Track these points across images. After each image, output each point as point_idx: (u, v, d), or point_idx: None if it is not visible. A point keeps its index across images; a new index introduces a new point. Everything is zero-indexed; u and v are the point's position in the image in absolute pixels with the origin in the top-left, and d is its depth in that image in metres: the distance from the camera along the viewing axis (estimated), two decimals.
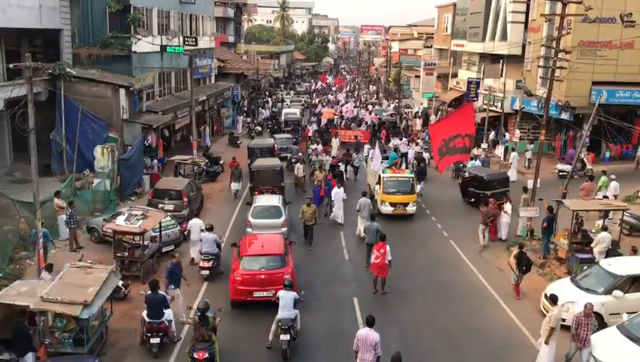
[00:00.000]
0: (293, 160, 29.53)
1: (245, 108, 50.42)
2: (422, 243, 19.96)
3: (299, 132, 39.00)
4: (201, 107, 36.62)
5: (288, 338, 12.34)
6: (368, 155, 28.89)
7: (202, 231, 17.02)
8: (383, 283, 15.49)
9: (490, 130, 35.73)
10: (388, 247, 15.38)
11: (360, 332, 10.80)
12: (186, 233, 19.51)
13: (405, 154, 29.44)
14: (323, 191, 22.42)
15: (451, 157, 21.93)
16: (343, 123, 43.23)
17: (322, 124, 41.37)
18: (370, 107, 53.12)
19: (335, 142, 33.33)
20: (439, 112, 48.74)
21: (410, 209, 22.00)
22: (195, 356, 11.42)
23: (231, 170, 25.61)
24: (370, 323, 10.91)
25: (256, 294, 14.34)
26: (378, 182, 22.75)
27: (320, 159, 28.59)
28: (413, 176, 22.90)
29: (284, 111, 45.14)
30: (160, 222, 17.75)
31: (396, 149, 29.86)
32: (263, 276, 14.34)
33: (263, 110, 50.45)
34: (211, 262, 16.49)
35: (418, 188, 23.95)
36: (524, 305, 15.20)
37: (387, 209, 21.90)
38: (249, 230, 18.42)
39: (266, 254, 14.86)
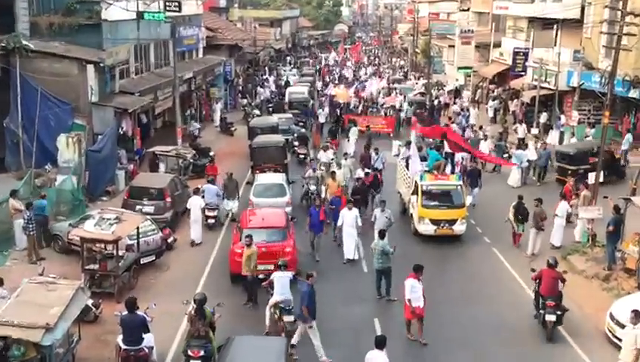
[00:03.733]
0: (295, 143, 31.51)
1: (240, 88, 50.64)
2: (463, 261, 19.79)
3: (307, 115, 39.39)
4: (187, 87, 36.66)
5: (292, 318, 13.90)
6: (399, 153, 27.56)
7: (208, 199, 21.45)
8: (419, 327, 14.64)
9: (542, 112, 35.55)
10: (409, 282, 14.42)
11: (368, 356, 11.20)
12: (172, 240, 20.04)
13: (451, 154, 26.30)
14: (323, 213, 19.68)
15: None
16: (361, 107, 43.05)
17: (335, 108, 41.24)
18: (395, 85, 53.02)
19: (353, 134, 32.83)
20: (478, 90, 48.64)
21: (459, 228, 20.65)
22: (189, 353, 12.24)
23: (223, 181, 23.48)
24: (379, 344, 11.25)
25: (257, 267, 16.28)
26: (414, 192, 21.31)
27: (328, 161, 26.62)
28: (461, 183, 21.64)
29: (289, 90, 45.51)
30: (138, 228, 17.82)
31: (438, 147, 27.42)
32: (263, 249, 16.60)
33: (262, 90, 50.64)
34: (215, 211, 21.66)
35: (469, 199, 22.67)
36: (585, 327, 15.18)
37: (427, 228, 20.63)
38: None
39: (267, 227, 17.54)
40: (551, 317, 14.64)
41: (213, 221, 21.79)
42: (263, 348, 11.81)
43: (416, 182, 21.32)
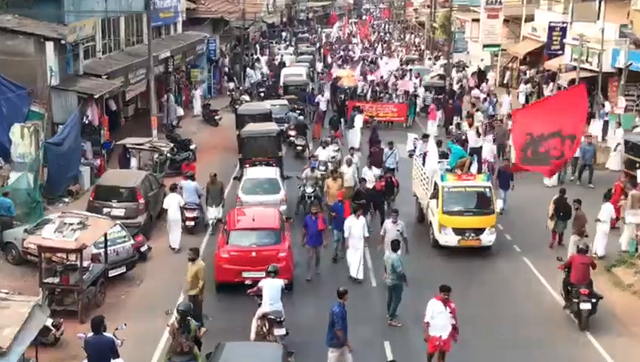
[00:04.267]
0: (292, 133, 32.28)
1: (227, 70, 50.68)
2: (490, 274, 19.63)
3: (306, 102, 39.74)
4: (164, 68, 36.77)
5: (284, 332, 14.50)
6: (415, 148, 27.01)
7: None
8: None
9: None
10: (432, 304, 13.97)
11: None
12: (146, 249, 20.09)
13: (477, 150, 26.42)
14: (322, 222, 19.13)
15: (537, 166, 21.15)
16: (370, 92, 43.22)
17: (339, 94, 41.27)
18: (409, 66, 53.11)
19: (358, 122, 33.00)
20: (507, 72, 48.46)
21: (487, 238, 20.51)
22: None
23: (206, 185, 22.82)
24: None
25: (246, 274, 17.11)
26: (434, 196, 21.19)
27: (328, 160, 25.95)
28: (490, 184, 21.39)
29: (284, 72, 46.01)
30: (105, 234, 17.78)
31: (461, 140, 27.29)
32: (253, 253, 17.51)
33: (252, 71, 50.76)
34: (196, 212, 22.00)
35: (499, 203, 22.75)
36: (633, 353, 15.22)
37: (449, 239, 20.51)
38: None
39: (258, 228, 18.30)
40: (586, 306, 15.71)
41: (193, 223, 22.00)
42: (257, 355, 12.35)
43: (435, 183, 21.14)
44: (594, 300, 15.64)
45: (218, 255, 17.83)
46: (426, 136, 27.18)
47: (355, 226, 18.77)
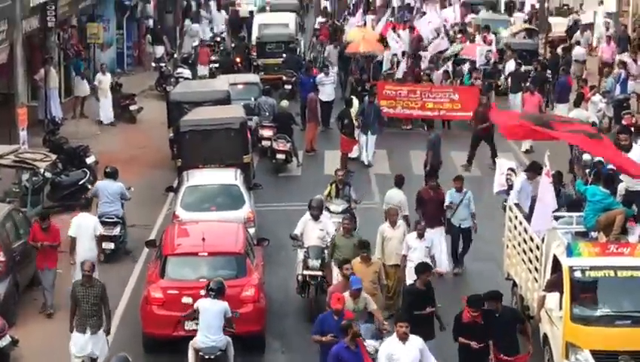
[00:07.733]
0: (266, 131, 32.80)
1: (152, 24, 52.08)
2: None
3: (299, 70, 40.39)
4: (40, 22, 36.36)
5: None
6: (509, 187, 24.49)
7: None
8: None
9: None
10: None
11: None
12: (7, 345, 19.16)
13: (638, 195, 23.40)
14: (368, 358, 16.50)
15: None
16: (404, 64, 41.26)
17: (352, 66, 42.58)
18: (471, 16, 54.98)
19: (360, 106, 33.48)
20: None
21: None
22: None
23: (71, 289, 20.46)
24: None
25: (191, 326, 18.06)
26: (554, 285, 19.68)
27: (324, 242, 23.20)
28: None
29: (259, 20, 48.11)
30: None
31: (608, 177, 23.00)
32: (203, 292, 17.88)
33: (198, 26, 52.87)
34: (117, 229, 23.41)
35: None
36: None
37: None
38: None
39: (211, 253, 19.52)
40: None
41: (111, 246, 23.22)
42: None
43: (556, 259, 19.58)
44: None
45: (148, 295, 18.80)
46: (536, 167, 23.25)
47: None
